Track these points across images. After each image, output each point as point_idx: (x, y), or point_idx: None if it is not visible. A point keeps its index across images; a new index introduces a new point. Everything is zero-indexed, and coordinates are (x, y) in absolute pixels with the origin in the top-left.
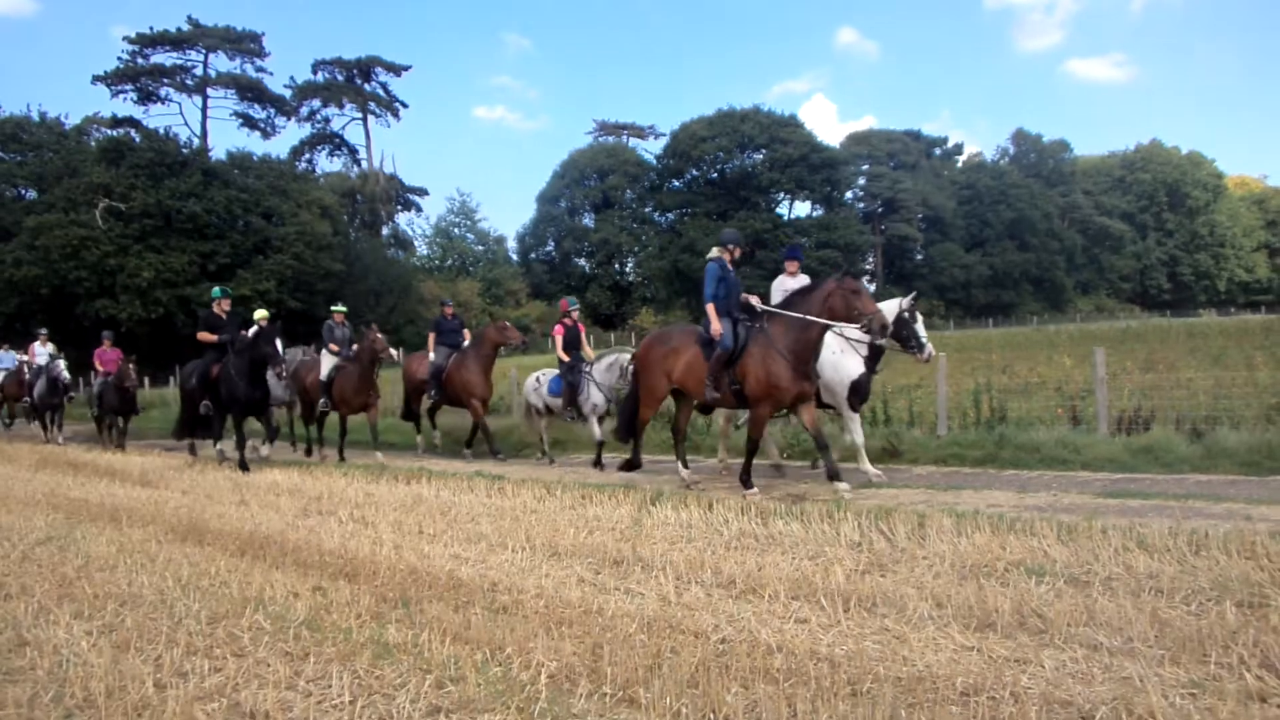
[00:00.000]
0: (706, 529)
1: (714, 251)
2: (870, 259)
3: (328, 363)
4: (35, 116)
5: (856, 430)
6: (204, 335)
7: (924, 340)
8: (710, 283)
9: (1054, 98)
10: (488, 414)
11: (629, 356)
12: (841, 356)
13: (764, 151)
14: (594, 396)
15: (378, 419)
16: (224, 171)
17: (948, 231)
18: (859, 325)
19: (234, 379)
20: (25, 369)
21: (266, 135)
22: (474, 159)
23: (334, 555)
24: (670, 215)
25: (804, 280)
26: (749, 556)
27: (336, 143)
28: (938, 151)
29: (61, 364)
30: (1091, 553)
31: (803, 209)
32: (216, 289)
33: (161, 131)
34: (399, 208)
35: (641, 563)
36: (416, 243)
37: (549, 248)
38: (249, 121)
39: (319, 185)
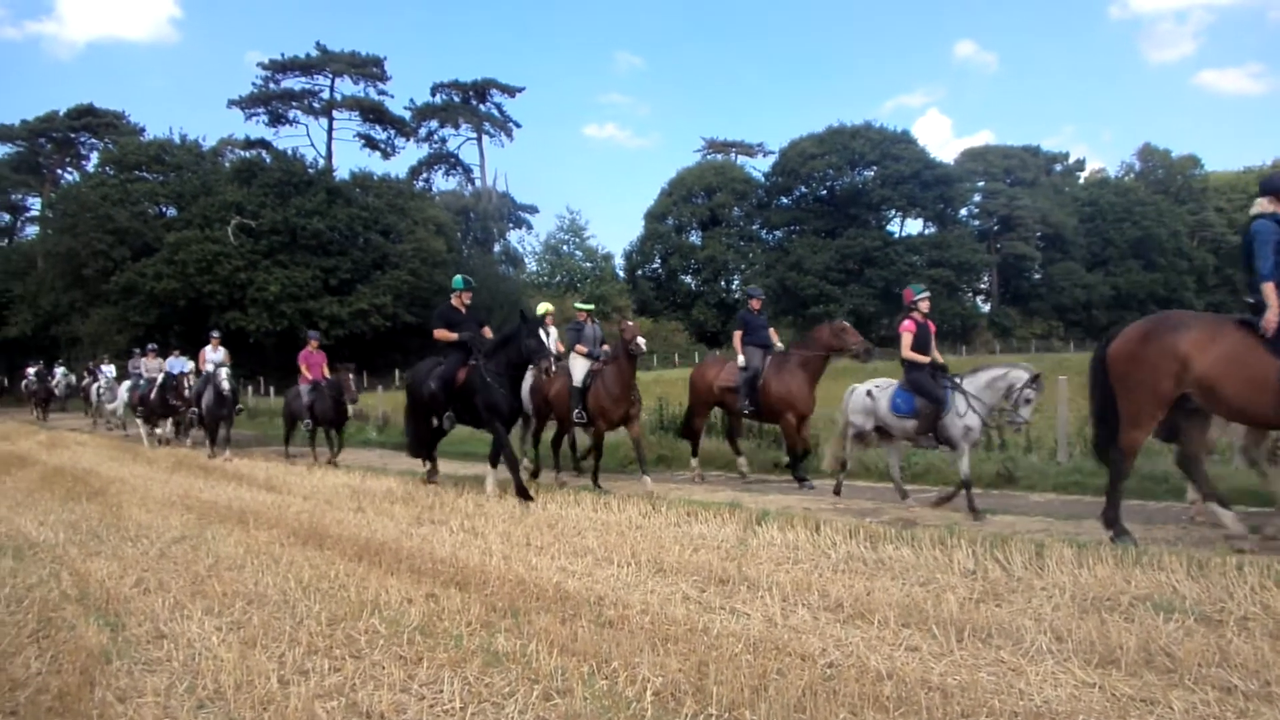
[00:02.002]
0: (813, 551)
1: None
2: (985, 278)
3: (580, 367)
4: (176, 139)
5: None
6: (442, 333)
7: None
8: None
9: (1184, 111)
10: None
11: (1026, 376)
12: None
13: (875, 168)
14: (969, 419)
15: (640, 434)
16: (346, 190)
17: (1068, 250)
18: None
19: (490, 385)
20: (186, 379)
21: (387, 155)
22: (583, 176)
23: (445, 563)
24: (777, 233)
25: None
26: (857, 580)
27: (452, 162)
28: (1058, 167)
29: (225, 373)
30: (1225, 590)
31: (914, 227)
32: (458, 279)
33: (290, 152)
34: (510, 225)
35: (747, 582)
36: (526, 259)
37: (655, 265)
38: (370, 142)
39: (434, 203)
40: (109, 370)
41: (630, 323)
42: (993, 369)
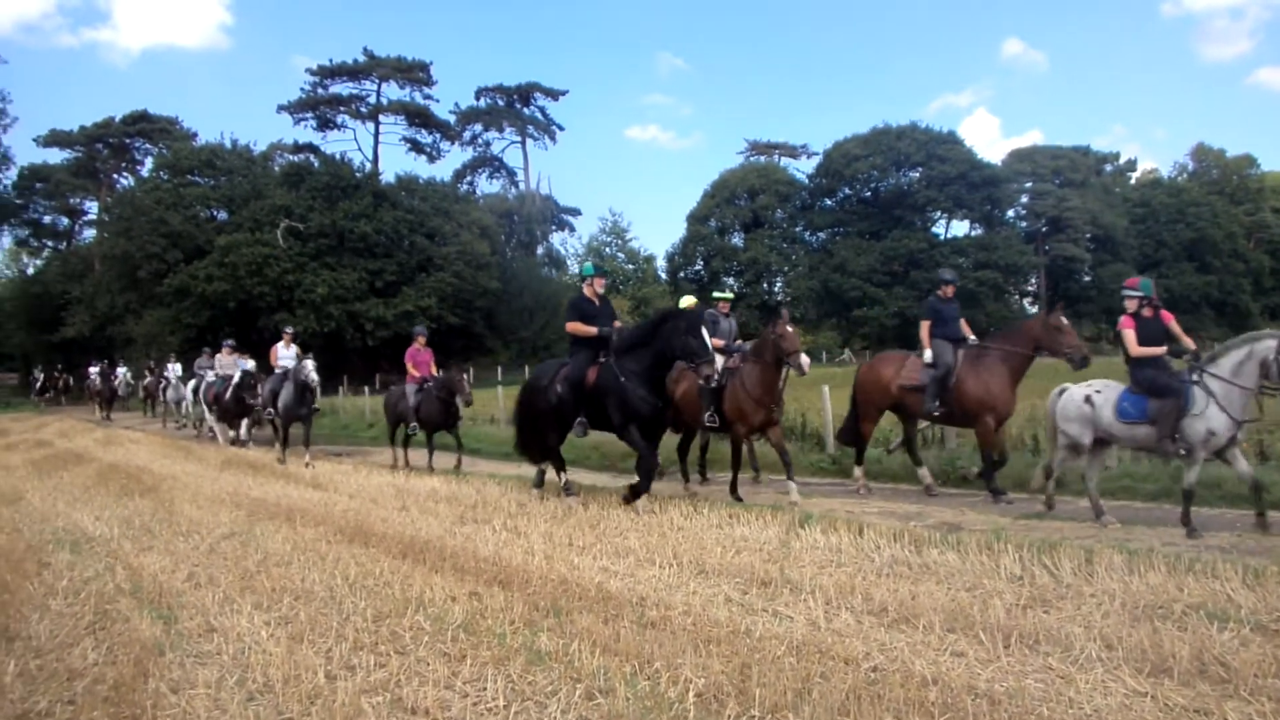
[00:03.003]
0: (856, 554)
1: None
2: (1033, 280)
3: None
4: (228, 144)
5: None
6: (577, 327)
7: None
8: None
9: (1239, 110)
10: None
11: (1275, 343)
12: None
13: (920, 169)
14: (1211, 419)
15: (782, 439)
16: (392, 194)
17: (1119, 252)
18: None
19: (625, 386)
20: (255, 378)
21: (432, 159)
22: (626, 178)
23: (488, 562)
24: (821, 235)
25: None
26: (901, 584)
27: (496, 165)
28: (1109, 168)
29: (311, 364)
30: None
31: (960, 228)
32: (589, 265)
33: (337, 157)
34: (553, 228)
35: (789, 585)
36: (569, 261)
37: (698, 267)
38: (416, 146)
39: (478, 206)
40: (175, 369)
41: (790, 329)
42: (1231, 352)
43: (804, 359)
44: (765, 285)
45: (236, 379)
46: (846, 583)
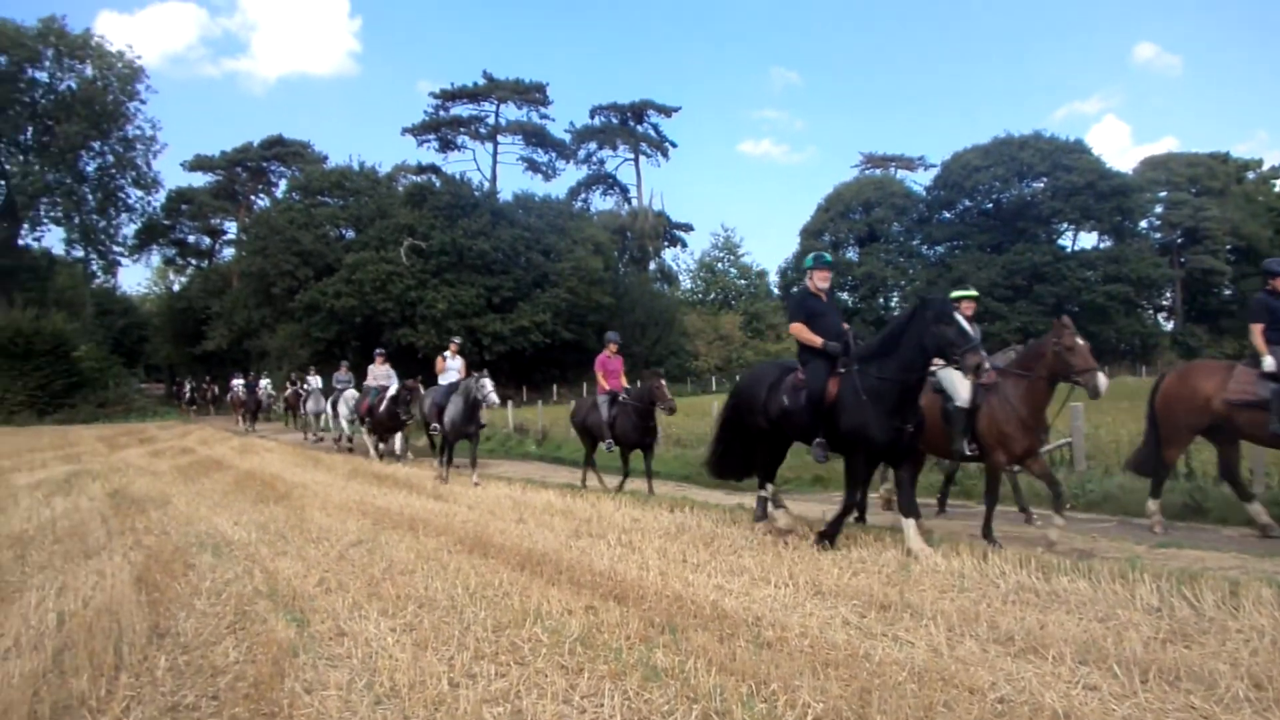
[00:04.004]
0: (980, 579)
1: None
2: (1168, 294)
3: (960, 381)
4: (355, 166)
5: None
6: (802, 331)
7: None
8: None
9: None
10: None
11: None
12: None
13: (1045, 179)
14: None
15: (1048, 469)
16: (509, 212)
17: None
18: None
19: (863, 403)
20: (410, 390)
21: (547, 177)
22: (738, 193)
23: (604, 576)
24: (939, 248)
25: None
26: (1029, 613)
27: (609, 182)
28: (1250, 175)
29: (490, 384)
30: None
31: (1088, 240)
32: (810, 256)
33: (457, 176)
34: (665, 243)
35: (910, 610)
36: (681, 277)
37: None
38: (532, 165)
39: (592, 223)
40: (315, 381)
41: (1080, 341)
42: None
43: (1100, 379)
44: (881, 300)
45: (391, 391)
46: (970, 609)
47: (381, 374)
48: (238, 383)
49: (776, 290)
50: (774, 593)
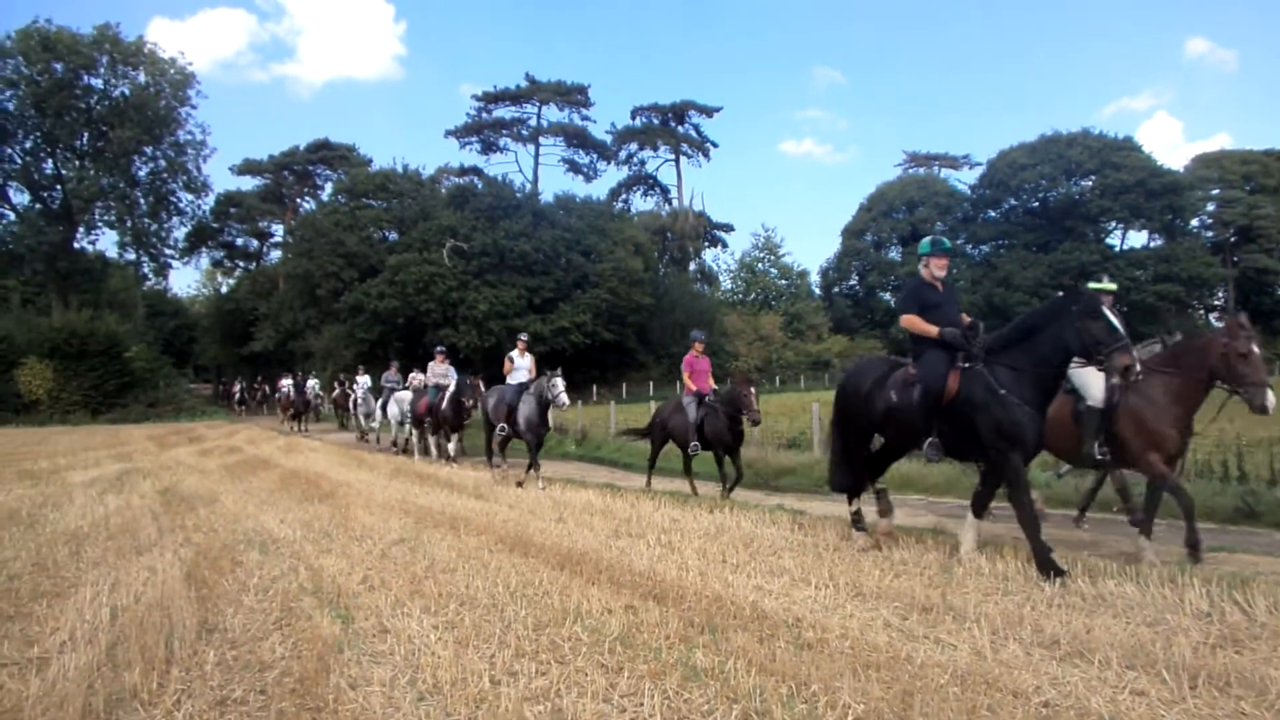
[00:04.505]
0: (1025, 582)
1: None
2: (1221, 294)
3: (1094, 380)
4: (399, 169)
5: None
6: (915, 322)
7: None
8: None
9: None
10: None
11: None
12: None
13: (1093, 177)
14: None
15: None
16: (550, 213)
17: None
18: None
19: (1005, 399)
20: (471, 386)
21: (589, 178)
22: (780, 193)
23: (643, 576)
24: (984, 248)
25: None
26: (1075, 616)
27: (650, 183)
28: None
29: (562, 384)
30: None
31: (1138, 239)
32: (925, 242)
33: (499, 178)
34: (706, 244)
35: (952, 612)
36: (721, 277)
37: (853, 282)
38: (574, 166)
39: (633, 224)
40: (364, 381)
41: (1255, 349)
42: None
43: (1270, 397)
44: None
45: (452, 388)
46: (1014, 612)
47: (440, 372)
48: (286, 383)
49: (818, 290)
50: (814, 594)
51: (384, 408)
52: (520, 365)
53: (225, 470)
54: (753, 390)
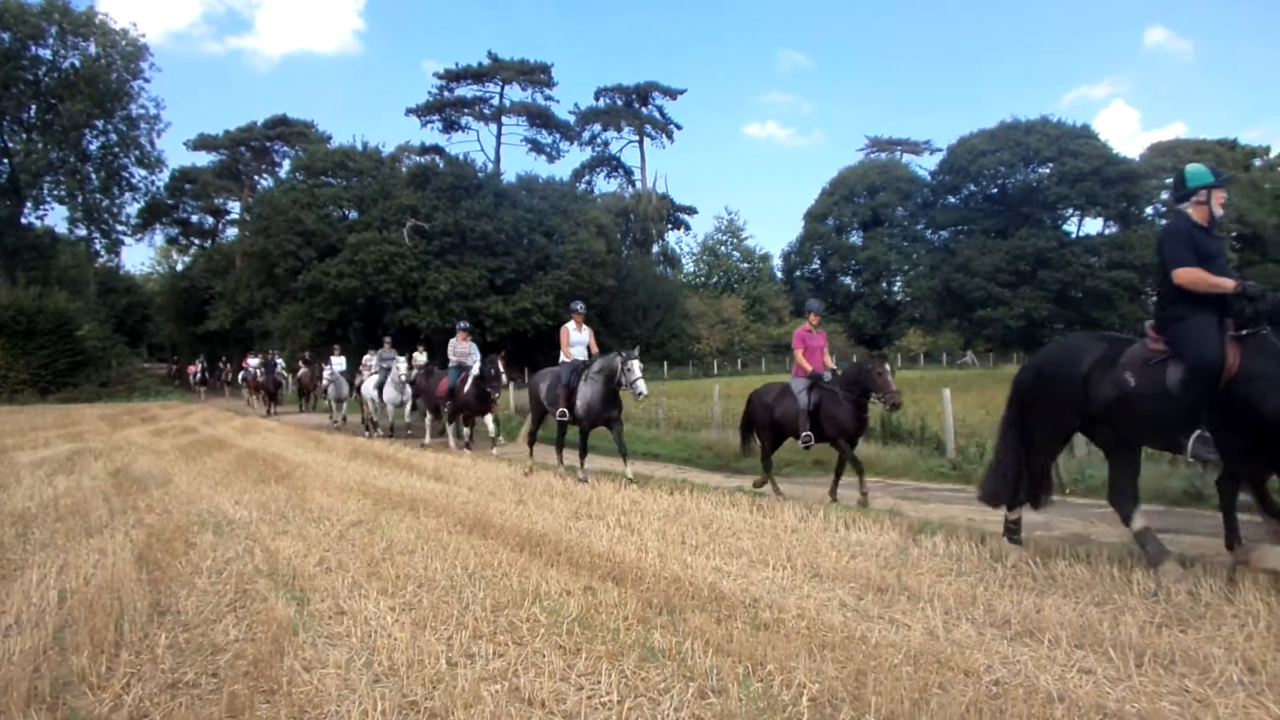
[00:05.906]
0: (979, 563)
1: None
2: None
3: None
4: (359, 146)
5: None
6: (1197, 275)
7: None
8: None
9: None
10: None
11: None
12: None
13: (1051, 165)
14: None
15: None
16: (513, 193)
17: (1269, 251)
18: None
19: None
20: (497, 369)
21: (552, 159)
22: (743, 176)
23: (603, 558)
24: (944, 233)
25: None
26: (1026, 596)
27: (614, 165)
28: (1258, 162)
29: (638, 368)
30: None
31: (1094, 226)
32: (1205, 171)
33: (461, 157)
34: (669, 226)
35: (907, 592)
36: (684, 260)
37: (814, 266)
38: (537, 147)
39: (596, 205)
40: (339, 362)
41: None
42: None
43: None
44: (884, 284)
45: (476, 369)
46: (967, 593)
47: (464, 350)
48: (253, 362)
49: (779, 274)
50: (772, 575)
51: (379, 388)
52: (578, 340)
53: (180, 451)
54: (887, 368)
